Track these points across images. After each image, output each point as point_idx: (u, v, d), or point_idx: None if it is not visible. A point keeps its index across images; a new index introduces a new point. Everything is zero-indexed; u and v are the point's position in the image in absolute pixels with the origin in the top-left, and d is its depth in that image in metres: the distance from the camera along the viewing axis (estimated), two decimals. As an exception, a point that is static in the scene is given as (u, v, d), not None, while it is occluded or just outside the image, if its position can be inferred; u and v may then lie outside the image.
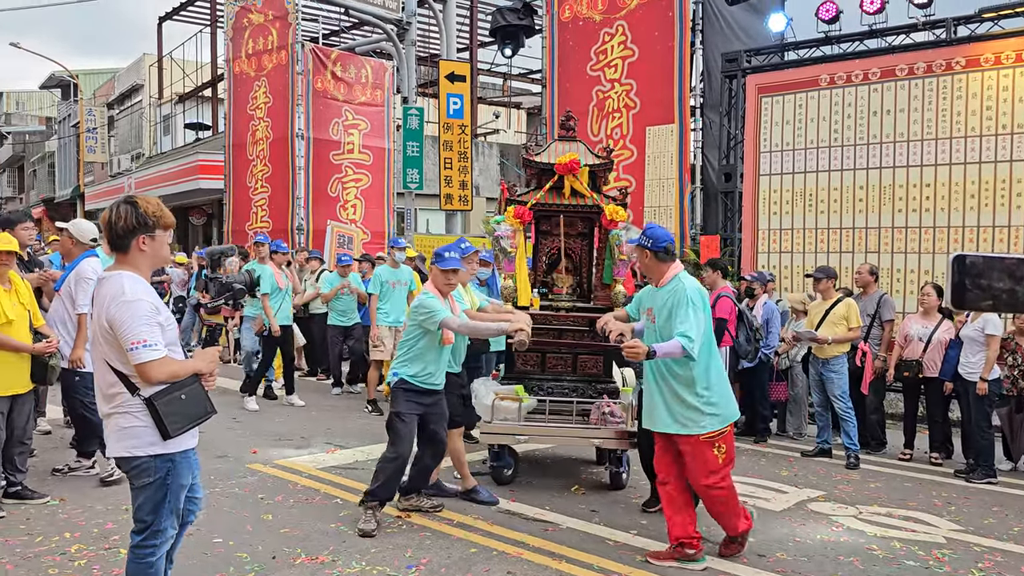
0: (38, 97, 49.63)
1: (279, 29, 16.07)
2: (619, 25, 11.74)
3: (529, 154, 6.62)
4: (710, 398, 4.64)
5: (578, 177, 6.34)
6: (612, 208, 6.26)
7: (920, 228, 9.21)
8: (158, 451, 3.21)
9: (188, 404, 3.23)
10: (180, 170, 21.92)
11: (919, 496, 6.47)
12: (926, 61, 9.16)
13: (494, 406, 6.12)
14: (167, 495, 3.28)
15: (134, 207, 3.23)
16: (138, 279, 3.22)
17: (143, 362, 3.10)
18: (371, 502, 5.20)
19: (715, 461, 4.66)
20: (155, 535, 3.31)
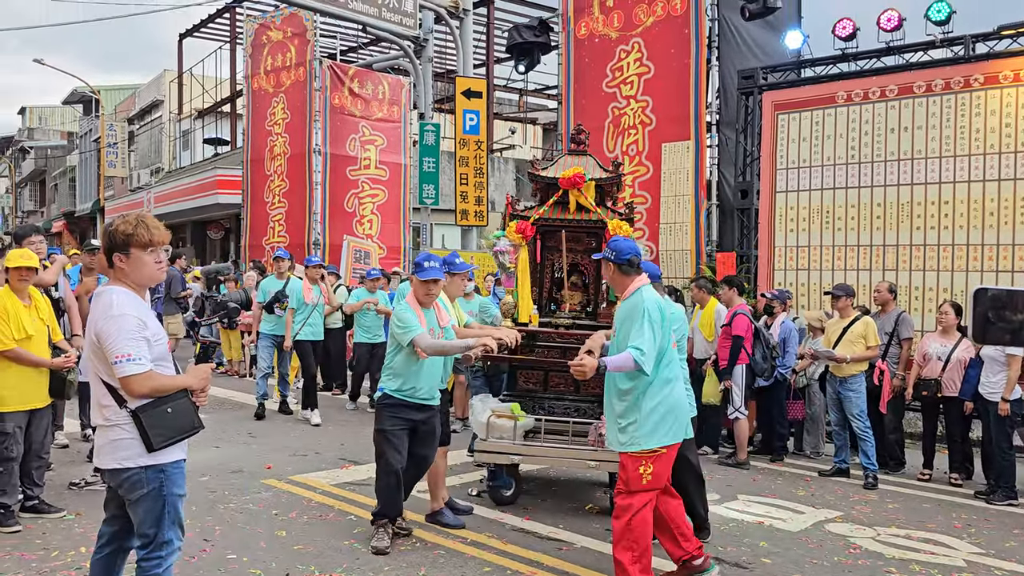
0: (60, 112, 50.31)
1: (297, 46, 16.24)
2: (635, 42, 11.77)
3: (535, 168, 6.55)
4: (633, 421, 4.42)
5: (583, 191, 6.21)
6: (616, 223, 6.09)
7: (939, 246, 9.14)
8: (148, 462, 3.24)
9: (174, 418, 3.27)
10: (198, 185, 22.12)
11: (938, 518, 6.39)
12: (944, 78, 9.11)
13: (489, 424, 5.97)
14: (165, 506, 3.30)
15: (111, 226, 3.36)
16: (129, 294, 3.28)
17: (126, 375, 3.15)
18: (380, 520, 5.20)
19: (637, 480, 4.40)
20: (160, 547, 3.31)
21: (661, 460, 4.44)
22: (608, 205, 6.41)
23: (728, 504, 6.52)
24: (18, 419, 5.35)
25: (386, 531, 5.17)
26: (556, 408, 6.31)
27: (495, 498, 6.20)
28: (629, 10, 11.86)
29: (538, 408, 6.24)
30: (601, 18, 12.19)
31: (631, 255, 4.57)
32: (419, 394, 5.24)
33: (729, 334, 7.91)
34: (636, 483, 4.40)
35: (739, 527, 5.93)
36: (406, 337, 5.10)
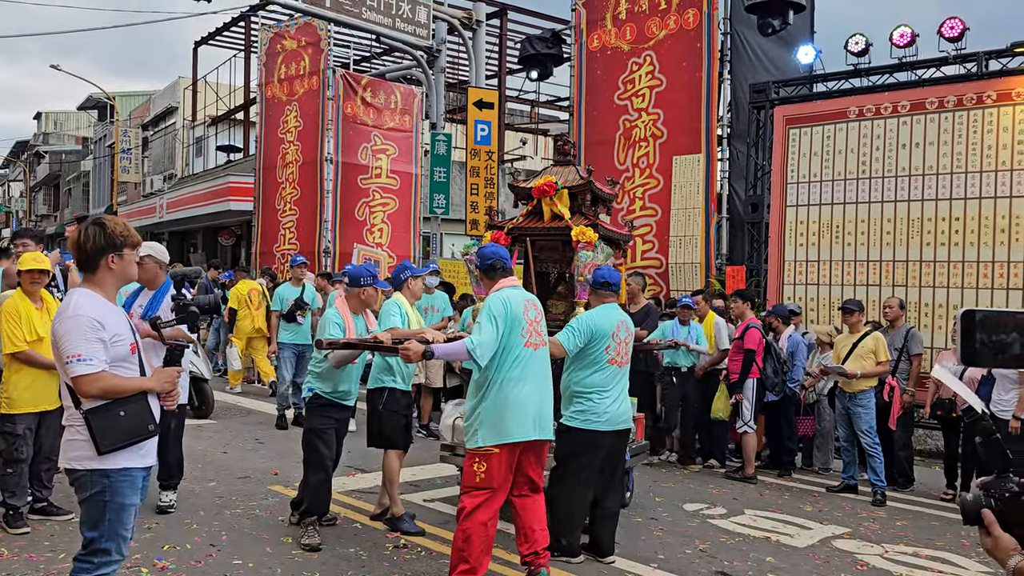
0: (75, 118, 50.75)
1: (311, 55, 16.34)
2: (647, 55, 11.80)
3: (515, 181, 6.64)
4: (475, 416, 4.49)
5: (555, 199, 6.16)
6: (579, 229, 5.97)
7: (948, 262, 9.11)
8: (94, 466, 3.22)
9: (126, 421, 3.23)
10: (211, 191, 22.24)
11: (947, 536, 6.35)
12: (956, 95, 9.11)
13: (454, 427, 6.02)
14: (105, 512, 3.24)
15: (102, 228, 3.31)
16: (92, 296, 3.27)
17: (75, 376, 3.15)
18: (308, 519, 5.37)
19: (470, 478, 4.46)
20: (95, 553, 3.26)
21: (493, 459, 4.40)
22: (583, 212, 6.26)
23: (734, 518, 6.50)
24: (28, 421, 5.38)
25: (316, 528, 5.34)
26: None
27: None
28: (642, 23, 11.89)
29: None
30: (613, 31, 12.23)
31: (494, 259, 4.70)
32: (347, 397, 5.58)
33: (741, 348, 7.90)
34: (469, 480, 4.46)
35: (745, 541, 5.91)
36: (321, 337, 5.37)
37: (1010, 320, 1.84)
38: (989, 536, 1.85)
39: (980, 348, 1.82)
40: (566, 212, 6.14)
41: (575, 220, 6.11)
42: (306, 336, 9.66)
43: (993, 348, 1.82)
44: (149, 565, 4.78)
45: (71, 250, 3.42)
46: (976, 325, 1.82)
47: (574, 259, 5.96)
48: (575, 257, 5.94)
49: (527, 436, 4.46)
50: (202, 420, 9.44)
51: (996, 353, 1.82)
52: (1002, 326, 1.81)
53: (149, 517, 5.66)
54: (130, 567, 4.72)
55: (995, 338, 1.81)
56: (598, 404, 5.16)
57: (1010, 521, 1.84)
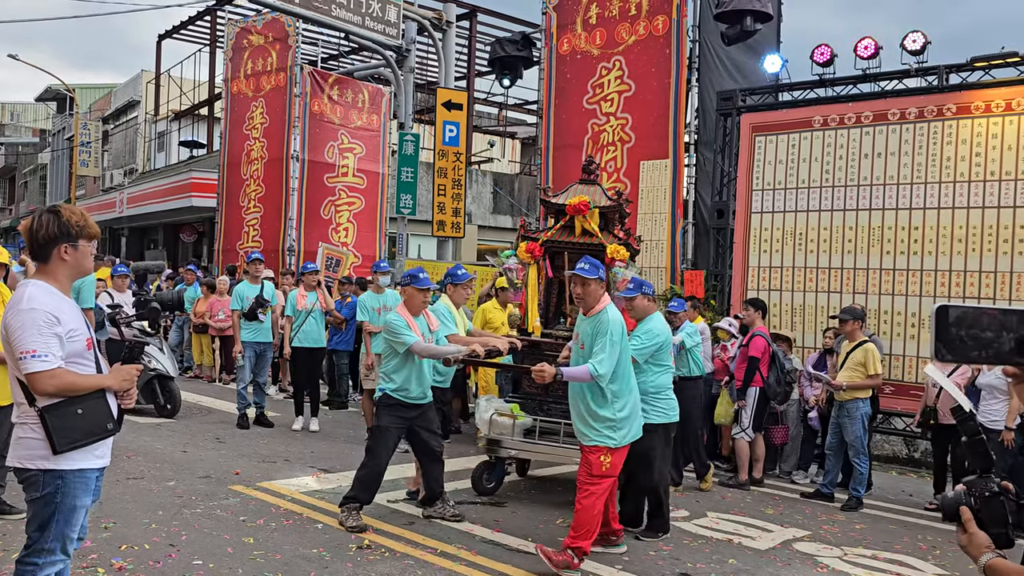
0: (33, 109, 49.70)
1: (278, 51, 16.17)
2: (616, 60, 11.87)
3: (545, 195, 7.31)
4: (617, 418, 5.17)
5: (587, 218, 6.82)
6: (614, 247, 6.70)
7: (907, 271, 9.28)
8: (48, 466, 3.09)
9: (84, 419, 3.11)
10: (173, 187, 21.89)
11: (904, 539, 6.46)
12: (918, 107, 9.29)
13: (491, 421, 6.68)
14: (55, 513, 3.13)
15: (57, 216, 3.16)
16: (46, 288, 3.13)
17: (30, 372, 3.02)
18: (351, 504, 5.68)
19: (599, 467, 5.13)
20: (38, 553, 3.15)
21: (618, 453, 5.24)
22: (611, 231, 6.96)
23: (697, 521, 6.55)
24: None
25: (356, 513, 5.65)
26: (554, 410, 6.71)
27: (475, 486, 6.80)
28: (612, 28, 11.96)
29: (538, 410, 6.78)
30: (584, 35, 12.28)
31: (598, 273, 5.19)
32: (412, 395, 5.81)
33: (746, 355, 7.93)
34: (597, 470, 5.14)
35: (708, 544, 5.96)
36: (401, 345, 5.68)
37: (985, 316, 1.86)
38: (965, 533, 1.90)
39: (955, 344, 1.84)
40: (597, 230, 6.83)
41: (607, 238, 6.84)
42: (267, 334, 9.52)
43: (973, 344, 1.84)
44: (106, 565, 4.68)
45: (24, 237, 3.25)
46: (952, 321, 1.84)
47: (608, 274, 6.49)
48: (610, 273, 6.54)
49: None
50: (164, 419, 9.29)
51: (971, 350, 1.84)
52: (978, 322, 1.83)
53: (106, 516, 5.55)
54: (86, 567, 4.62)
55: (971, 333, 1.83)
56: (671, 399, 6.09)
57: (987, 520, 1.88)
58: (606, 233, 6.91)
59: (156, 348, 9.29)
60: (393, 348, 5.78)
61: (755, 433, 7.98)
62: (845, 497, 7.45)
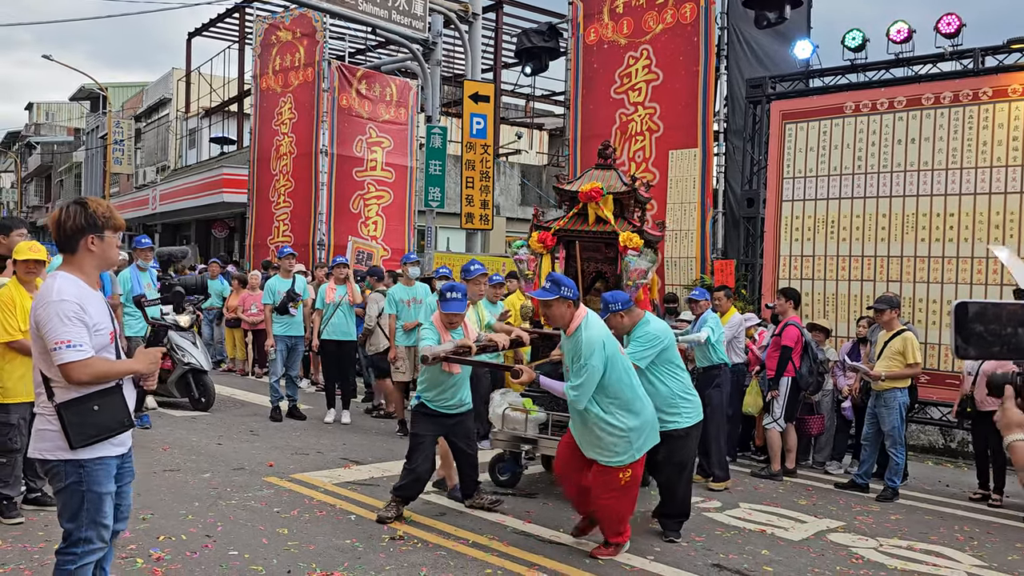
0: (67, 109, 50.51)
1: (306, 47, 16.28)
2: (644, 49, 11.79)
3: (559, 183, 6.94)
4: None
5: (601, 204, 6.53)
6: (626, 235, 6.41)
7: (943, 258, 9.14)
8: (67, 456, 3.15)
9: (100, 415, 3.17)
10: (204, 183, 22.16)
11: (940, 530, 6.37)
12: (953, 91, 9.12)
13: (504, 416, 6.57)
14: (83, 502, 3.18)
15: (83, 207, 3.23)
16: (74, 280, 3.19)
17: (66, 363, 3.06)
18: (396, 496, 5.75)
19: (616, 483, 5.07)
20: (76, 544, 3.21)
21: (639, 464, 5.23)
22: (627, 217, 6.66)
23: (729, 512, 6.51)
24: (22, 411, 5.34)
25: (397, 507, 5.71)
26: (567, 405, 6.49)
27: (493, 478, 6.75)
28: (639, 17, 11.88)
29: (552, 404, 6.50)
30: (611, 24, 12.21)
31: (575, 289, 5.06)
32: (448, 403, 5.79)
33: (779, 344, 7.86)
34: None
35: (741, 534, 5.92)
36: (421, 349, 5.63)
37: (1005, 311, 1.84)
38: (1003, 407, 1.99)
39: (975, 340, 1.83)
40: (611, 217, 6.52)
41: (620, 225, 6.50)
42: (299, 328, 9.59)
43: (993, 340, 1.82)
44: (145, 556, 4.76)
45: (51, 229, 3.31)
46: (972, 317, 1.83)
47: (621, 263, 6.43)
48: (623, 262, 6.39)
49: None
50: (199, 412, 9.42)
51: (992, 345, 1.83)
52: (997, 317, 1.82)
53: (144, 508, 5.65)
54: (125, 557, 4.70)
55: (990, 328, 1.82)
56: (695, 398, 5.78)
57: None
58: (620, 220, 6.60)
59: (190, 343, 9.41)
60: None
61: (787, 423, 7.91)
62: (880, 488, 7.36)
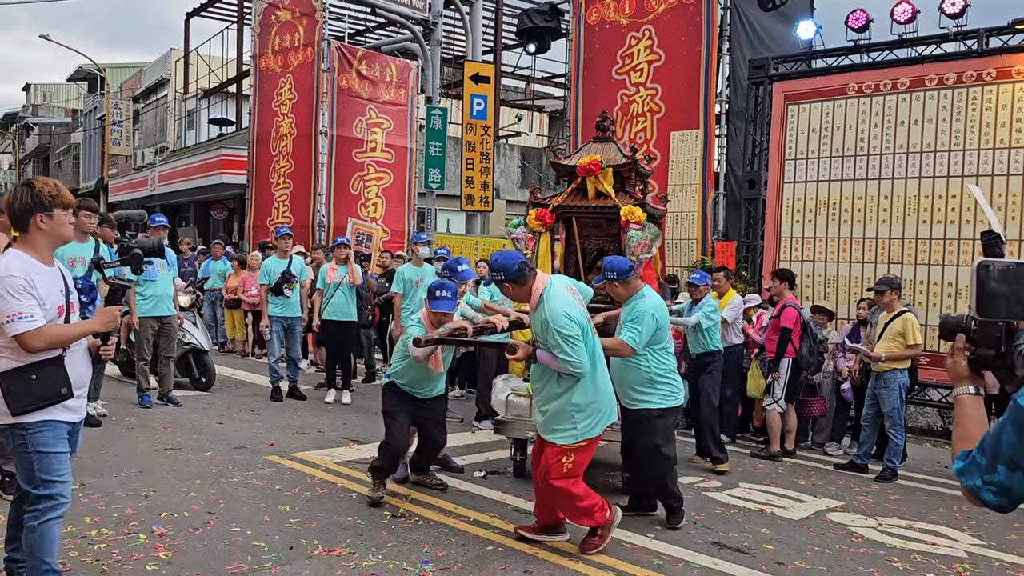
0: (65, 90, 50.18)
1: (306, 26, 16.17)
2: (646, 29, 11.72)
3: (556, 157, 6.63)
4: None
5: (600, 178, 6.26)
6: (627, 209, 6.08)
7: (944, 240, 9.12)
8: (11, 421, 3.36)
9: (38, 385, 3.35)
10: (203, 164, 22.08)
11: (940, 510, 6.40)
12: (956, 72, 9.07)
13: (508, 402, 6.34)
14: (33, 463, 3.39)
15: (30, 188, 3.40)
16: (23, 257, 3.37)
17: (19, 333, 3.25)
18: (376, 476, 5.66)
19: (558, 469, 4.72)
20: (37, 501, 3.43)
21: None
22: (627, 191, 6.37)
23: (729, 491, 6.53)
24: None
25: (380, 484, 5.64)
26: None
27: (518, 471, 6.56)
28: (641, -3, 11.80)
29: None
30: (612, 4, 12.13)
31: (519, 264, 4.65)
32: (420, 391, 5.76)
33: (778, 326, 7.86)
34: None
35: (740, 513, 5.94)
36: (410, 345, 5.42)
37: None
38: (952, 356, 2.03)
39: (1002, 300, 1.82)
40: (611, 191, 6.23)
41: (621, 199, 6.19)
42: (295, 309, 9.55)
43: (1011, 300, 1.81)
44: (147, 532, 4.77)
45: (5, 211, 3.51)
46: (995, 276, 1.82)
47: (624, 238, 6.08)
48: (625, 237, 6.05)
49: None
50: (200, 392, 9.43)
51: (1013, 305, 1.82)
52: (1019, 278, 1.81)
53: (146, 485, 5.66)
54: (128, 533, 4.72)
55: (1013, 289, 1.81)
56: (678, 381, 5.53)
57: (980, 341, 1.98)
58: (621, 194, 6.30)
59: (190, 323, 9.41)
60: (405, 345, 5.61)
61: (787, 404, 7.92)
62: (879, 469, 7.38)
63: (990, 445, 1.82)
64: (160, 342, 8.44)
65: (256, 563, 4.43)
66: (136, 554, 4.43)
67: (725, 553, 5.05)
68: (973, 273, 1.85)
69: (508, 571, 4.52)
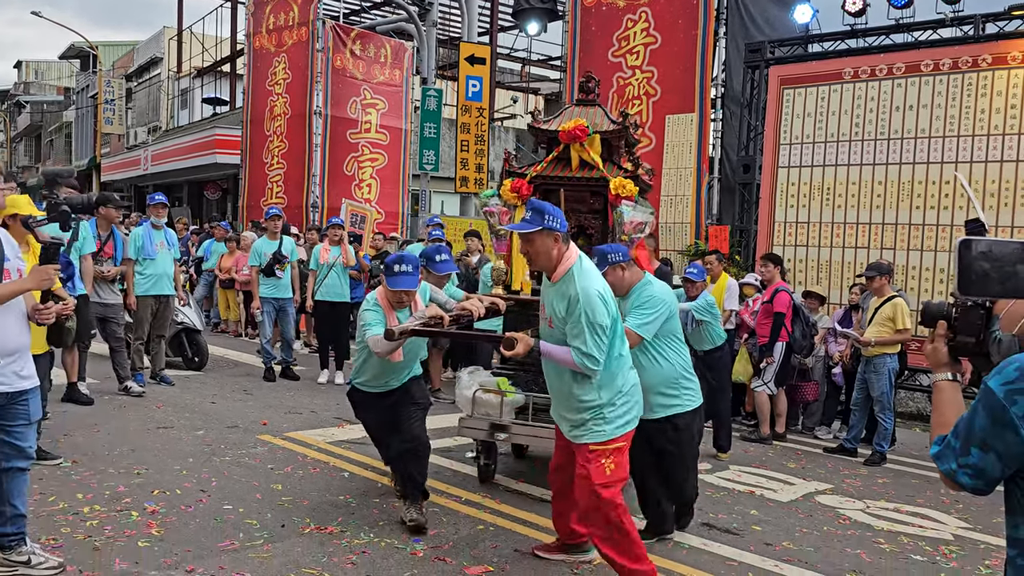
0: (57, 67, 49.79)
1: (300, 5, 16.04)
2: (642, 12, 11.67)
3: (536, 121, 5.87)
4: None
5: (585, 146, 5.53)
6: (618, 182, 5.37)
7: (937, 226, 9.15)
8: None
9: None
10: (197, 144, 21.95)
11: (927, 493, 6.46)
12: (952, 57, 9.07)
13: (475, 399, 5.46)
14: None
15: None
16: None
17: None
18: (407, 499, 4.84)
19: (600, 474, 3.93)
20: None
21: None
22: (616, 161, 5.71)
23: (719, 473, 6.58)
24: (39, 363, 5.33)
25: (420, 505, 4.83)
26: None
27: (483, 477, 5.79)
28: (637, -21, 11.74)
29: (532, 384, 5.49)
30: (609, -14, 12.06)
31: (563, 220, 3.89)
32: (388, 383, 4.91)
33: (770, 311, 7.88)
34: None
35: (730, 495, 5.99)
36: (362, 336, 4.65)
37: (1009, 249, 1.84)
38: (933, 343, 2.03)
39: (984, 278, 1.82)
40: (598, 160, 5.55)
41: (610, 170, 5.54)
42: (286, 290, 9.52)
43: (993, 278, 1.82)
44: (139, 509, 4.79)
45: None
46: (974, 255, 1.82)
47: (612, 215, 5.38)
48: (615, 213, 5.35)
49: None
50: (192, 371, 9.43)
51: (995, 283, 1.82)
52: (1002, 256, 1.81)
53: (138, 463, 5.67)
54: (120, 510, 4.73)
55: (995, 267, 1.81)
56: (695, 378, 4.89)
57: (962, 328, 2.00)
58: (609, 164, 5.63)
59: (181, 304, 9.39)
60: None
61: (777, 388, 7.96)
62: (868, 453, 7.44)
63: (963, 428, 1.84)
64: (154, 321, 8.44)
65: (248, 540, 4.45)
66: (128, 531, 4.45)
67: (714, 534, 5.09)
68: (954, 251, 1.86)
69: (499, 549, 4.55)
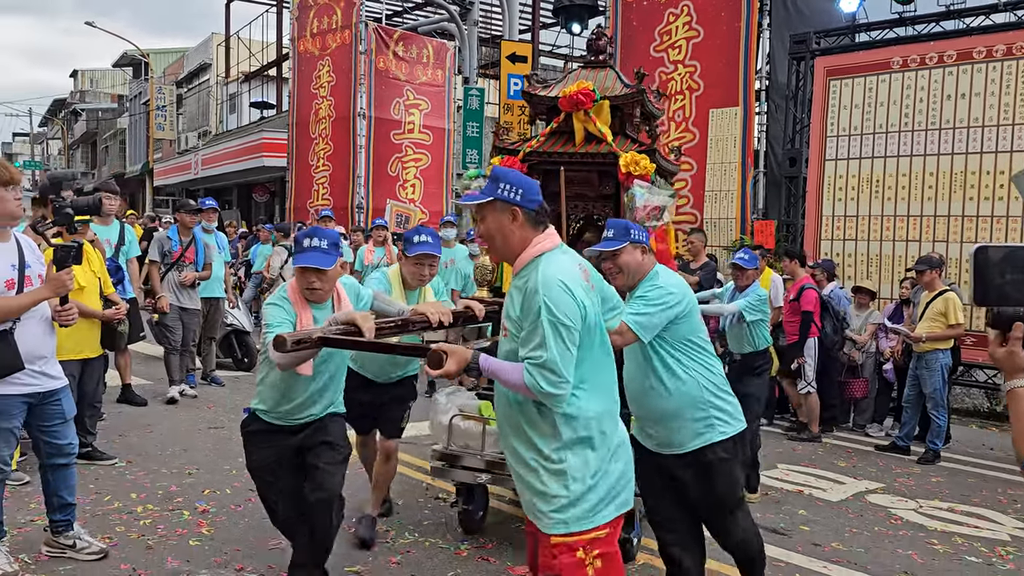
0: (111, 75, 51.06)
1: (343, 9, 16.22)
2: (684, 5, 11.54)
3: (532, 87, 4.88)
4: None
5: (591, 114, 4.52)
6: (630, 157, 4.32)
7: (992, 217, 8.90)
8: None
9: None
10: (245, 148, 22.36)
11: (982, 492, 6.29)
12: (1006, 43, 8.80)
13: (451, 427, 4.50)
14: None
15: None
16: None
17: None
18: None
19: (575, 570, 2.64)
20: None
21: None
22: (630, 134, 4.70)
23: (767, 472, 6.48)
24: (72, 368, 5.48)
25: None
26: None
27: (466, 524, 4.73)
28: (679, -28, 11.61)
29: None
30: (650, -20, 11.95)
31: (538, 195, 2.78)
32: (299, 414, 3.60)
33: (797, 309, 7.74)
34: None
35: (778, 494, 5.91)
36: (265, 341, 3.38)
37: None
38: (1004, 346, 1.86)
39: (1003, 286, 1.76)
40: (607, 132, 4.54)
41: (620, 144, 4.55)
42: None
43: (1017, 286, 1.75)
44: (191, 508, 4.91)
45: None
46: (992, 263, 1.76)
47: (624, 197, 4.38)
48: (626, 196, 4.34)
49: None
50: (242, 372, 9.61)
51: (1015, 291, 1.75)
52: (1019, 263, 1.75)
53: (190, 463, 5.80)
54: (172, 510, 4.85)
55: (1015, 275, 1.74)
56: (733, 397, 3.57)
57: None
58: (621, 137, 4.62)
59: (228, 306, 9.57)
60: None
61: None
62: (921, 450, 7.27)
63: None
64: (205, 323, 8.62)
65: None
66: (180, 530, 4.56)
67: (761, 534, 5.02)
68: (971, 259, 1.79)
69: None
